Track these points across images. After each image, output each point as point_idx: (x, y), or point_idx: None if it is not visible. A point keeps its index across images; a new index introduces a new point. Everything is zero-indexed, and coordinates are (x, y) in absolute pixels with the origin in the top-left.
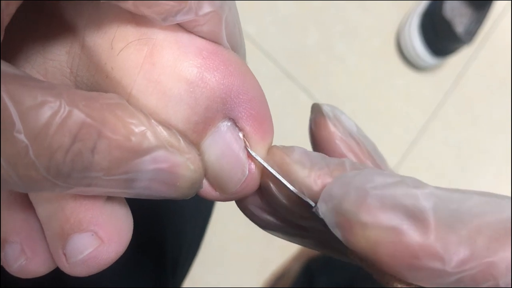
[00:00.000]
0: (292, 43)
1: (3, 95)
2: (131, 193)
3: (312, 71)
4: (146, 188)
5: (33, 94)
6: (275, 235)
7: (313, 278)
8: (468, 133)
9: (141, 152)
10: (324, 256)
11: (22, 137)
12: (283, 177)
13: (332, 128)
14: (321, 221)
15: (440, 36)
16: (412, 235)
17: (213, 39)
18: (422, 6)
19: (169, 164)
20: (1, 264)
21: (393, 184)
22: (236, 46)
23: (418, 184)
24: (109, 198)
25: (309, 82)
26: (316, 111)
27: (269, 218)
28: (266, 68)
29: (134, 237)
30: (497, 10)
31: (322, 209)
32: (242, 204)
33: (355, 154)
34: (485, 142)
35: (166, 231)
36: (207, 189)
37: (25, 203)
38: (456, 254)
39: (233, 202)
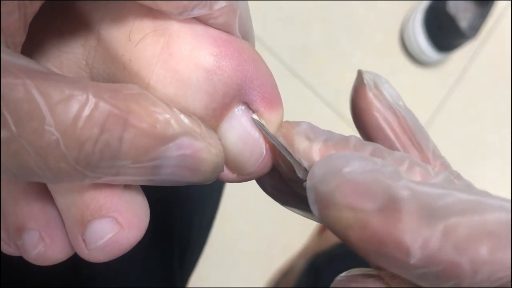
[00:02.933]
0: (296, 40)
1: (33, 90)
2: (157, 180)
3: (317, 68)
4: (171, 174)
5: (60, 88)
6: (294, 212)
7: (318, 273)
8: (472, 128)
9: (166, 139)
10: (329, 252)
11: (52, 130)
12: (288, 148)
13: (371, 98)
14: None
15: (444, 32)
16: (380, 222)
17: (226, 30)
18: (425, 1)
19: (193, 149)
20: (19, 251)
21: (370, 171)
22: (247, 37)
23: (395, 175)
24: (127, 186)
25: (313, 79)
26: (358, 79)
27: (281, 194)
28: (270, 66)
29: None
30: (501, 5)
31: (308, 185)
32: (260, 181)
33: (391, 128)
34: (489, 137)
35: (174, 223)
36: (224, 171)
37: (42, 192)
38: (422, 248)
39: (238, 201)
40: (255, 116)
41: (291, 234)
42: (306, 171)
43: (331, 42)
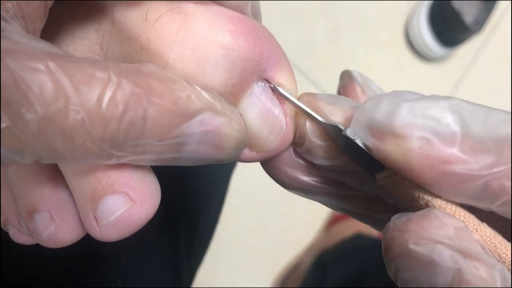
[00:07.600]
0: (301, 36)
1: (57, 71)
2: (181, 157)
3: (321, 63)
4: (194, 151)
5: (82, 69)
6: (299, 195)
7: (325, 270)
8: None
9: (189, 115)
10: (336, 248)
11: (78, 109)
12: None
13: (359, 92)
14: (350, 150)
15: (449, 27)
16: (442, 142)
17: (239, 10)
18: None
19: (215, 125)
20: (31, 235)
21: (422, 98)
22: (256, 19)
23: (445, 97)
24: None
25: (318, 75)
26: (346, 77)
27: (298, 175)
28: None
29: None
30: None
31: (354, 127)
32: (270, 165)
33: None
34: None
35: (181, 215)
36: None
37: (53, 174)
38: (483, 159)
39: (244, 197)
40: (278, 87)
41: (298, 231)
42: (337, 127)
43: (336, 38)
